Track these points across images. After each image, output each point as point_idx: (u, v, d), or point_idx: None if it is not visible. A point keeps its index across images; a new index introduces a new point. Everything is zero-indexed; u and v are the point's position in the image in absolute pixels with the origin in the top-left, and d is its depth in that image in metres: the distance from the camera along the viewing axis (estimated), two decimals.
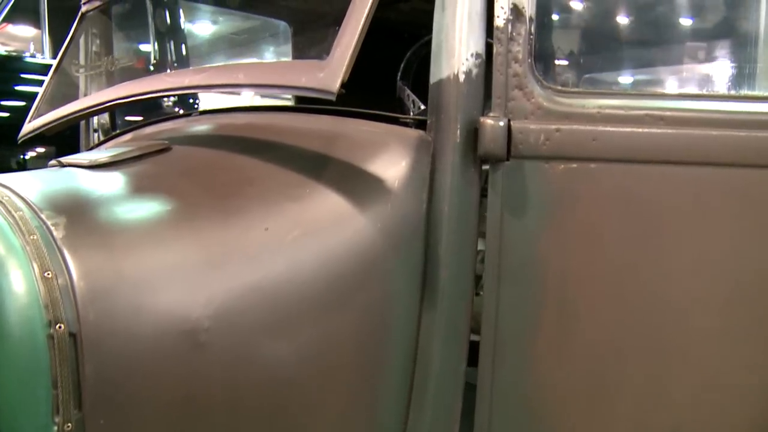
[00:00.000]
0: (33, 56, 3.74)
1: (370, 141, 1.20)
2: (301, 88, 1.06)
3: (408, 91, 1.86)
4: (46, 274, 1.00)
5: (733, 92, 1.24)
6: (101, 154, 1.42)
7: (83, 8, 2.09)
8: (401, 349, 1.14)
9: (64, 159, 1.50)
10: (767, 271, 1.17)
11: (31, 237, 1.03)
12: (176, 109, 3.74)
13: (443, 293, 1.13)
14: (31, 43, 3.75)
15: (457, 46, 1.12)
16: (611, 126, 1.13)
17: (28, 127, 1.98)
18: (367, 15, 1.04)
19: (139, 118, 2.37)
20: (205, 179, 1.25)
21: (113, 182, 1.28)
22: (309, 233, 1.12)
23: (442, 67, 1.13)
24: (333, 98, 1.01)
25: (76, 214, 1.12)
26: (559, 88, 1.17)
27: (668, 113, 1.13)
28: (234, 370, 1.06)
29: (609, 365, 1.16)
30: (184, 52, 3.92)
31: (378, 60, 1.99)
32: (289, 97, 2.78)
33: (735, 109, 1.16)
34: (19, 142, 2.01)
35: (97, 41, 2.12)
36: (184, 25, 3.69)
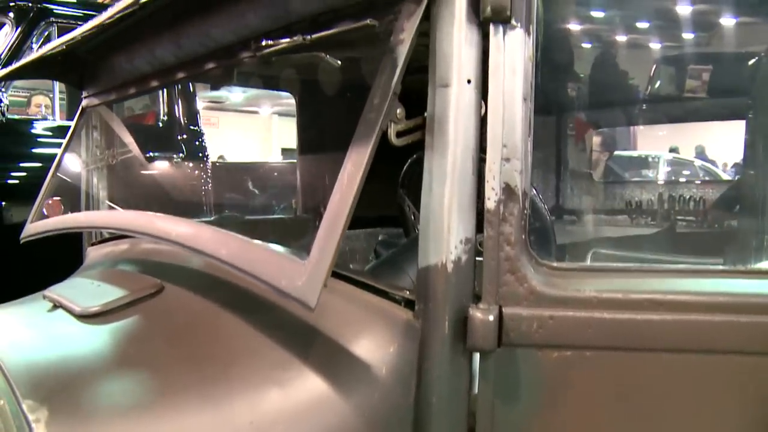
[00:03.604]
0: (45, 119, 3.77)
1: (358, 318, 1.16)
2: (280, 291, 1.02)
3: (408, 202, 1.82)
4: None
5: (740, 267, 1.18)
6: (93, 298, 1.41)
7: (84, 103, 2.08)
8: None
9: (57, 295, 1.49)
10: None
11: None
12: (185, 163, 3.76)
13: None
14: (43, 105, 3.78)
15: (445, 233, 1.07)
16: (608, 312, 1.08)
17: (31, 228, 1.98)
18: (348, 213, 1.01)
19: None
20: (191, 351, 1.22)
21: (101, 348, 1.26)
22: (293, 425, 1.09)
23: (429, 253, 1.08)
24: (312, 311, 0.98)
25: (59, 402, 1.10)
26: (555, 265, 1.12)
27: (669, 297, 1.08)
28: None
29: None
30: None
31: None
32: None
33: (741, 289, 1.10)
34: (21, 243, 2.01)
35: (99, 134, 2.11)
36: None
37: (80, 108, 2.09)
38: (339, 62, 1.34)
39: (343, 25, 1.23)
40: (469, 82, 1.08)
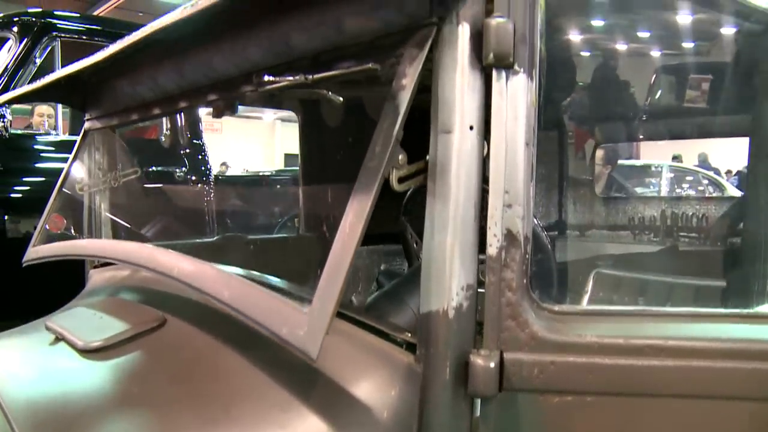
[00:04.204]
0: (48, 134, 3.78)
1: (360, 360, 1.17)
2: (282, 339, 1.03)
3: (410, 230, 1.82)
4: None
5: (742, 311, 1.18)
6: (95, 332, 1.41)
7: (86, 125, 2.09)
8: None
9: (60, 326, 1.50)
10: None
11: None
12: (187, 177, 3.77)
13: None
14: (46, 119, 3.80)
15: (447, 279, 1.07)
16: (609, 358, 1.08)
17: (32, 252, 1.99)
18: (350, 263, 1.01)
19: None
20: (193, 390, 1.22)
21: (102, 386, 1.27)
22: None
23: (431, 299, 1.08)
24: (313, 362, 0.98)
25: None
26: (556, 309, 1.12)
27: (670, 343, 1.08)
28: None
29: None
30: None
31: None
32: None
33: (743, 335, 1.10)
34: (24, 266, 2.02)
35: (102, 156, 2.11)
36: None
37: (83, 131, 2.09)
38: (341, 99, 1.34)
39: (345, 65, 1.24)
40: (471, 128, 1.08)
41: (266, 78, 1.36)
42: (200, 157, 3.94)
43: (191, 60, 1.62)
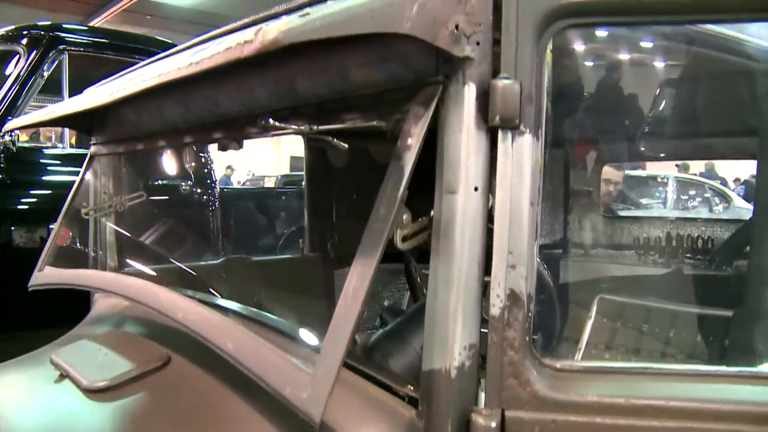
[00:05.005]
0: (54, 147, 3.80)
1: (363, 411, 1.17)
2: (285, 399, 1.03)
3: (415, 263, 1.82)
4: None
5: (746, 371, 1.18)
6: (100, 371, 1.42)
7: (92, 150, 2.09)
8: None
9: (65, 362, 1.51)
10: None
11: None
12: (193, 189, 3.78)
13: None
14: (52, 133, 3.81)
15: (449, 339, 1.08)
16: (610, 418, 1.08)
17: (38, 277, 2.00)
18: (354, 328, 1.01)
19: None
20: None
21: (104, 428, 1.27)
22: None
23: (433, 357, 1.09)
24: (316, 426, 0.99)
25: None
26: (558, 366, 1.12)
27: (671, 403, 1.08)
28: None
29: None
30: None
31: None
32: None
33: (746, 397, 1.10)
34: (30, 290, 2.03)
35: (107, 180, 2.12)
36: None
37: (88, 155, 2.10)
38: (346, 145, 1.35)
39: (351, 116, 1.24)
40: (476, 189, 1.08)
41: (271, 122, 1.36)
42: (206, 170, 3.95)
43: (197, 96, 1.62)
